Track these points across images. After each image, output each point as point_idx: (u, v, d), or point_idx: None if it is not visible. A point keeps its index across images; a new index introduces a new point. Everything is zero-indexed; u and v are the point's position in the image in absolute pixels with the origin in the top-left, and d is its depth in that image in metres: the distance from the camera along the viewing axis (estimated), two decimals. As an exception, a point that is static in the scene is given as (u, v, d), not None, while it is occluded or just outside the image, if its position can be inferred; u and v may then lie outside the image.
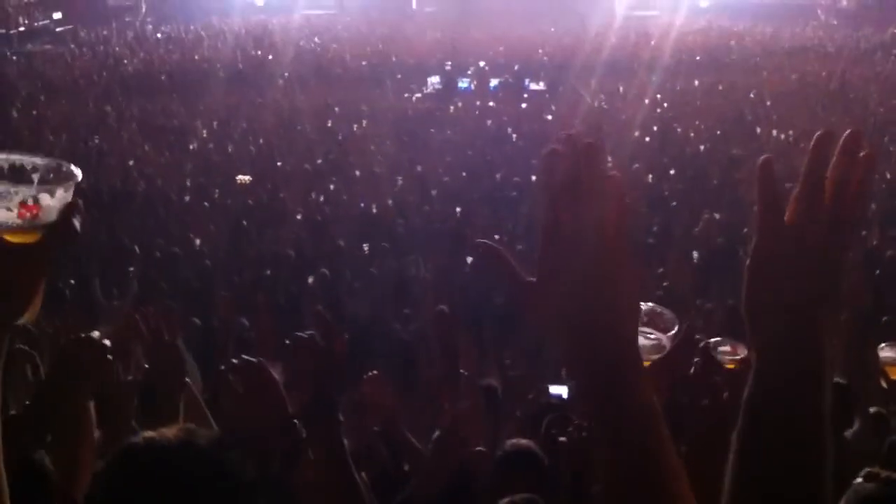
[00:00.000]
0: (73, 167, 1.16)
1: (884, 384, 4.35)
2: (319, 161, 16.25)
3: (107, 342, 2.40)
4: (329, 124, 19.54)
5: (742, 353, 2.55)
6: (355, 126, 19.46)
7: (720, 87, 23.37)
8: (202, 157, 16.73)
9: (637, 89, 22.42)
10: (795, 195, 1.22)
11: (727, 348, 2.63)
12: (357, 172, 15.46)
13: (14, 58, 29.48)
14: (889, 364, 4.28)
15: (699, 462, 2.12)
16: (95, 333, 2.41)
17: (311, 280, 10.25)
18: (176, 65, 27.28)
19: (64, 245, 1.12)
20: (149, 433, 1.76)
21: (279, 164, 16.22)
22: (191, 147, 17.53)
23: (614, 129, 17.57)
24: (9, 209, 1.09)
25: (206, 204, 13.55)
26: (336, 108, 20.74)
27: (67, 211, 1.12)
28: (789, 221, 1.22)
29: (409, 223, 12.60)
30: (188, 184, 14.87)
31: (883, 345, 4.35)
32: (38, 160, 1.15)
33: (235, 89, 23.32)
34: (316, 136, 18.44)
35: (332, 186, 14.55)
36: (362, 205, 13.66)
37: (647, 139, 17.98)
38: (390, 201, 13.68)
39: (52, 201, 1.12)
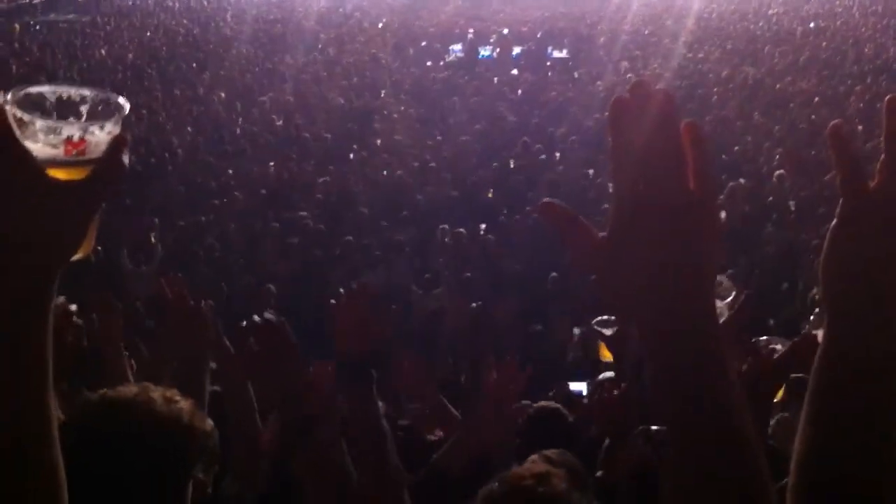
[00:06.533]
0: (120, 99, 1.12)
1: None
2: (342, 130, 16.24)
3: (72, 307, 2.38)
4: (351, 94, 19.50)
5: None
6: (382, 93, 19.46)
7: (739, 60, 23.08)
8: (224, 127, 16.75)
9: (661, 58, 22.21)
10: (882, 161, 1.19)
11: (778, 346, 2.63)
12: (378, 141, 15.47)
13: (37, 27, 29.55)
14: None
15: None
16: (60, 299, 2.39)
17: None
18: (199, 35, 27.26)
19: (113, 180, 1.08)
20: (106, 390, 1.85)
21: (302, 133, 16.21)
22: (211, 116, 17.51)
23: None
24: (55, 146, 1.06)
25: (230, 171, 13.60)
26: (355, 79, 20.68)
27: (115, 145, 1.09)
28: (876, 187, 1.20)
29: (430, 191, 12.62)
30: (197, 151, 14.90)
31: None
32: (87, 92, 1.11)
33: (257, 59, 23.31)
34: (337, 104, 18.42)
35: (351, 156, 14.57)
36: (385, 173, 13.68)
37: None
38: (416, 163, 13.71)
39: (101, 135, 1.08)
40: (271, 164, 14.03)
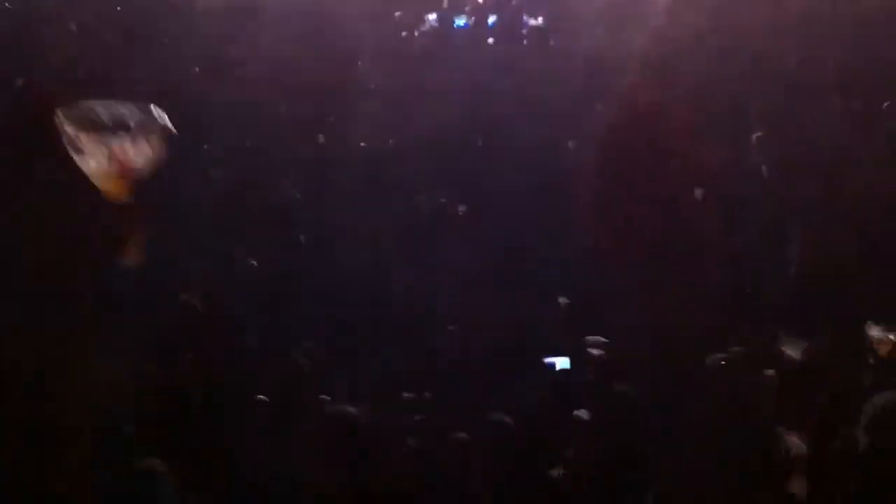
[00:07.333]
0: (162, 113, 1.18)
1: None
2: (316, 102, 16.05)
3: None
4: (325, 66, 19.27)
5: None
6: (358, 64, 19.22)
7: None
8: (199, 105, 16.52)
9: (638, 24, 22.03)
10: None
11: (877, 333, 2.56)
12: (354, 115, 15.33)
13: (7, 4, 29.03)
14: None
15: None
16: None
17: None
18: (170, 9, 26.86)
19: (148, 220, 1.14)
20: None
21: (279, 109, 16.04)
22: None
23: (616, 65, 17.32)
24: (101, 157, 1.15)
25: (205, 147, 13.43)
26: (329, 50, 20.43)
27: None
28: None
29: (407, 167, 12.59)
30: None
31: None
32: (134, 107, 1.18)
33: (230, 34, 22.99)
34: (311, 78, 18.20)
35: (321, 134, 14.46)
36: (363, 145, 13.62)
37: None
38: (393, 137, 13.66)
39: (144, 147, 1.15)
40: (248, 142, 13.90)
